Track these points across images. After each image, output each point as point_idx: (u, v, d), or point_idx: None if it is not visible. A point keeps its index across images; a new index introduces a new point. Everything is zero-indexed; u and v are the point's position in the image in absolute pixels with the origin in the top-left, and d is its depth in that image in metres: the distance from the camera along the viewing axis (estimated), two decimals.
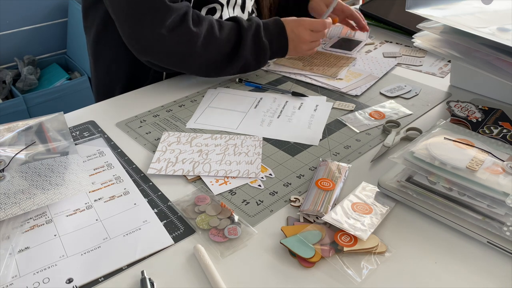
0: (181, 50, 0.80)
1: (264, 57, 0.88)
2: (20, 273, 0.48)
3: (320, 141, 0.71)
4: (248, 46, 0.84)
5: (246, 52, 0.84)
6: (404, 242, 0.52)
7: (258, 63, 0.89)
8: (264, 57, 0.88)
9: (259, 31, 0.86)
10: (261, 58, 0.88)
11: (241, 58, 0.85)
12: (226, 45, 0.83)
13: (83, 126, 0.75)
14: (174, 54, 0.80)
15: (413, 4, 0.75)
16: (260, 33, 0.86)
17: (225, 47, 0.83)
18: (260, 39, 0.86)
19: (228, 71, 0.86)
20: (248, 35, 0.84)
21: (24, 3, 2.00)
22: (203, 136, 0.71)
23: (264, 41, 0.86)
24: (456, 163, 0.54)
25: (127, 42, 0.81)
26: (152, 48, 0.80)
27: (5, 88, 1.96)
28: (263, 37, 0.86)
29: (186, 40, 0.79)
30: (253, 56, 0.86)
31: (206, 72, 0.86)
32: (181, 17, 0.78)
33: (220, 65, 0.85)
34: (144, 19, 0.76)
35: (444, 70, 0.95)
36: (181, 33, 0.78)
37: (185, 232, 0.54)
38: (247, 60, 0.86)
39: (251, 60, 0.87)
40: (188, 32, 0.78)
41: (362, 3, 1.31)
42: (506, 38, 0.66)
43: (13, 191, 0.56)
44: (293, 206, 0.58)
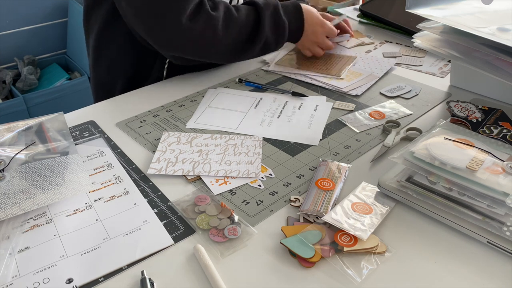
0: (205, 36, 0.79)
1: (283, 36, 0.89)
2: (20, 273, 0.48)
3: (320, 141, 0.71)
4: (267, 23, 0.85)
5: (266, 30, 0.85)
6: (404, 242, 0.52)
7: (277, 43, 0.89)
8: (283, 36, 0.89)
9: (278, 9, 0.87)
10: (280, 37, 0.89)
11: (262, 37, 0.85)
12: (246, 24, 0.83)
13: (83, 126, 0.75)
14: (199, 42, 0.80)
15: (413, 4, 0.75)
16: (279, 11, 0.87)
17: (246, 27, 0.83)
18: (279, 17, 0.87)
19: (250, 52, 0.87)
20: (267, 13, 0.85)
21: (24, 3, 2.00)
22: (203, 136, 0.71)
23: (284, 19, 0.87)
24: (456, 163, 0.54)
25: (150, 39, 0.80)
26: (177, 40, 0.79)
27: (5, 88, 1.96)
28: (282, 15, 0.87)
29: (208, 25, 0.79)
30: (273, 35, 0.87)
31: (230, 56, 0.87)
32: (197, 4, 0.78)
33: (242, 46, 0.85)
34: (165, 12, 0.75)
35: (444, 70, 0.95)
36: (201, 19, 0.78)
37: (185, 232, 0.54)
38: (267, 39, 0.86)
39: (271, 39, 0.87)
40: (208, 17, 0.78)
41: (362, 3, 1.31)
42: (506, 38, 0.66)
43: (13, 191, 0.56)
44: (293, 206, 0.58)
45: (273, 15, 0.86)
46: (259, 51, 0.88)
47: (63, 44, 2.20)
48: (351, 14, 1.28)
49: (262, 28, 0.84)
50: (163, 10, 0.75)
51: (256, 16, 0.85)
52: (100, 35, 0.93)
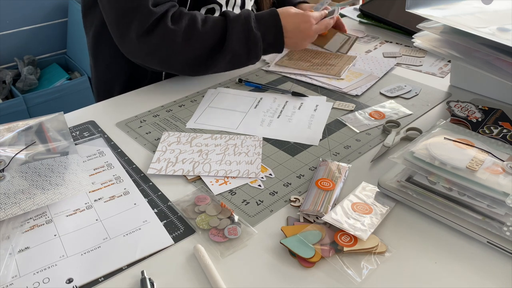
0: (161, 49, 0.79)
1: (256, 50, 0.83)
2: (20, 273, 0.48)
3: (320, 141, 0.71)
4: (235, 37, 0.80)
5: (233, 44, 0.80)
6: (404, 242, 0.52)
7: (249, 57, 0.84)
8: (255, 50, 0.83)
9: (249, 21, 0.81)
10: (253, 51, 0.83)
11: (228, 51, 0.81)
12: (210, 38, 0.80)
13: (83, 126, 0.75)
14: (156, 55, 0.80)
15: (413, 4, 0.75)
16: (250, 23, 0.81)
17: (209, 40, 0.80)
18: (250, 30, 0.81)
19: (216, 65, 0.83)
20: (235, 26, 0.80)
21: (24, 3, 2.00)
22: (203, 136, 0.71)
23: (255, 32, 0.82)
24: (456, 163, 0.54)
25: (119, 47, 0.83)
26: (136, 51, 0.81)
27: (5, 88, 1.96)
28: (253, 28, 0.81)
29: (164, 39, 0.78)
30: (243, 49, 0.82)
31: (193, 69, 0.84)
32: (158, 17, 0.78)
33: (205, 60, 0.82)
34: (128, 23, 0.78)
35: (444, 70, 0.95)
36: (158, 33, 0.78)
37: (185, 232, 0.54)
38: (235, 53, 0.82)
39: (241, 53, 0.82)
40: (166, 31, 0.78)
41: (362, 3, 1.31)
42: (506, 38, 0.66)
43: (13, 191, 0.56)
44: (293, 206, 0.58)
45: (243, 28, 0.81)
46: (227, 65, 0.84)
47: (63, 44, 2.20)
48: (351, 14, 1.28)
49: (228, 42, 0.80)
50: (127, 20, 0.78)
51: (224, 29, 0.81)
52: (98, 34, 0.94)
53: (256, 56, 0.85)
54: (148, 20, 0.77)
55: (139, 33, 0.78)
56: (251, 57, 0.84)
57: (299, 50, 0.96)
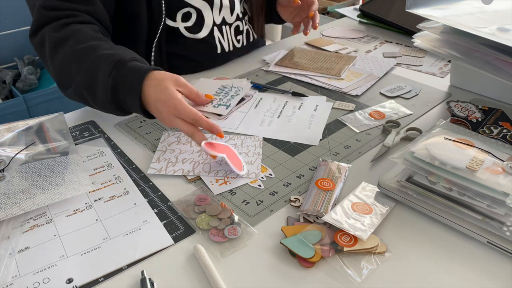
0: (39, 52, 0.78)
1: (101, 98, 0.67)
2: (20, 273, 0.48)
3: (320, 141, 0.71)
4: (85, 70, 0.68)
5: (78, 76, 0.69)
6: (404, 242, 0.52)
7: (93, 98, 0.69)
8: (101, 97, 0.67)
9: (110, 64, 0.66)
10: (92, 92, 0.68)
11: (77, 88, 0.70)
12: (69, 65, 0.70)
13: (83, 126, 0.75)
14: (39, 55, 0.78)
15: (413, 4, 0.75)
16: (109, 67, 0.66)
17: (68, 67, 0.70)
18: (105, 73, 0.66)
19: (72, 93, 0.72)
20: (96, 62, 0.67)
21: (24, 3, 1.98)
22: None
23: (103, 77, 0.66)
24: (456, 163, 0.54)
25: None
26: None
27: (5, 88, 1.96)
28: (108, 73, 0.65)
29: (42, 43, 0.75)
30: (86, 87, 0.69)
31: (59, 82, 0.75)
32: (47, 21, 0.75)
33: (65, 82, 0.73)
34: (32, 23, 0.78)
35: (444, 70, 0.95)
36: (39, 36, 0.76)
37: (185, 232, 0.54)
38: (77, 85, 0.70)
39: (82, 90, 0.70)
40: (43, 37, 0.75)
41: (362, 3, 1.31)
42: (506, 38, 0.66)
43: (13, 191, 0.56)
44: (293, 206, 0.58)
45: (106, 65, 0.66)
46: (72, 93, 0.72)
47: None
48: (351, 14, 1.28)
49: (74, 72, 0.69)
50: None
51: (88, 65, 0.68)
52: None
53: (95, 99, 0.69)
54: (37, 22, 0.76)
55: (30, 32, 0.78)
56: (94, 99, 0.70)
57: None
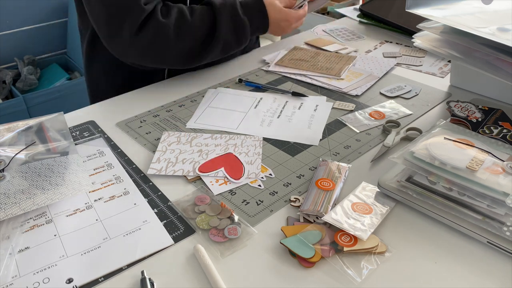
0: (155, 45, 0.80)
1: (245, 35, 0.87)
2: (20, 273, 0.48)
3: (320, 141, 0.71)
4: (224, 25, 0.83)
5: (223, 31, 0.83)
6: (404, 242, 0.52)
7: (239, 42, 0.88)
8: (244, 35, 0.87)
9: (236, 8, 0.85)
10: (242, 36, 0.87)
11: (219, 39, 0.83)
12: (200, 28, 0.82)
13: (83, 126, 0.75)
14: (150, 51, 0.81)
15: (413, 4, 0.75)
16: (237, 10, 0.85)
17: (201, 30, 0.82)
18: (237, 15, 0.85)
19: (208, 55, 0.85)
20: (223, 13, 0.83)
21: (24, 3, 2.00)
22: (203, 136, 0.71)
23: (243, 17, 0.86)
24: (456, 163, 0.54)
25: (108, 48, 0.83)
26: (129, 51, 0.81)
27: (5, 88, 1.96)
28: (240, 14, 0.85)
29: (157, 33, 0.79)
30: (233, 35, 0.85)
31: (187, 61, 0.85)
32: (148, 14, 0.78)
33: (199, 50, 0.83)
34: (120, 23, 0.78)
35: (444, 70, 0.95)
36: (150, 30, 0.78)
37: (185, 232, 0.54)
38: (226, 40, 0.85)
39: (231, 40, 0.86)
40: (157, 25, 0.78)
41: (362, 3, 1.31)
42: (506, 38, 0.66)
43: (13, 191, 0.56)
44: (293, 206, 0.58)
45: (231, 15, 0.84)
46: (219, 53, 0.87)
47: (63, 44, 2.20)
48: (351, 14, 1.28)
49: (219, 31, 0.83)
50: (112, 26, 0.78)
51: (212, 18, 0.83)
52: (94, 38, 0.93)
53: (246, 40, 0.89)
54: (140, 18, 0.77)
55: (132, 32, 0.78)
56: (241, 42, 0.88)
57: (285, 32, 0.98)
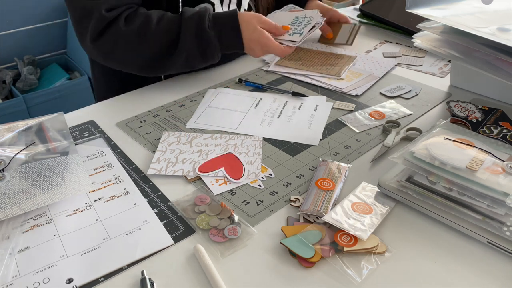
0: (116, 51, 0.80)
1: (211, 50, 0.81)
2: (20, 273, 0.48)
3: (320, 141, 0.71)
4: (188, 36, 0.79)
5: (186, 43, 0.79)
6: (404, 242, 0.52)
7: (205, 57, 0.82)
8: (210, 51, 0.81)
9: (203, 20, 0.79)
10: (207, 52, 0.81)
11: (181, 50, 0.80)
12: (163, 37, 0.79)
13: (83, 126, 0.75)
14: (112, 57, 0.81)
15: (413, 4, 0.75)
16: (204, 23, 0.79)
17: (163, 39, 0.79)
18: (203, 29, 0.79)
19: (172, 65, 0.82)
20: (188, 25, 0.79)
21: (24, 3, 2.00)
22: (203, 136, 0.71)
23: (209, 31, 0.80)
24: (456, 163, 0.54)
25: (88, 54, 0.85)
26: (93, 54, 0.83)
27: (5, 88, 1.96)
28: (207, 28, 0.79)
29: (116, 41, 0.79)
30: (198, 49, 0.80)
31: (151, 69, 0.83)
32: (111, 21, 0.78)
33: (161, 59, 0.81)
34: (84, 28, 0.79)
35: (444, 70, 0.95)
36: (110, 36, 0.78)
37: (185, 232, 0.54)
38: (189, 53, 0.80)
39: (195, 53, 0.81)
40: (117, 33, 0.78)
41: (362, 3, 1.31)
42: (506, 38, 0.66)
43: (13, 191, 0.56)
44: (293, 206, 0.58)
45: (196, 27, 0.79)
46: (182, 64, 0.82)
47: (63, 44, 2.20)
48: (351, 14, 1.28)
49: (182, 42, 0.79)
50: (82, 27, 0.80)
51: (178, 27, 0.79)
52: None
53: (212, 56, 0.83)
54: (100, 25, 0.77)
55: (92, 37, 0.78)
56: (207, 57, 0.82)
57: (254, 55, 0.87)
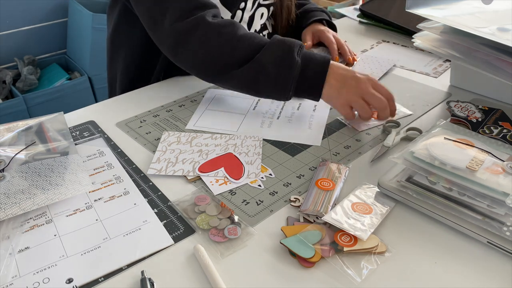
0: (191, 40, 0.73)
1: (286, 76, 0.70)
2: (20, 273, 0.48)
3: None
4: (270, 52, 0.71)
5: (265, 57, 0.71)
6: (404, 242, 0.52)
7: (277, 82, 0.71)
8: (286, 76, 0.70)
9: (293, 46, 0.71)
10: (283, 76, 0.70)
11: (257, 63, 0.71)
12: (244, 45, 0.72)
13: (83, 126, 0.75)
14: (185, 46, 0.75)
15: (413, 4, 0.75)
16: (294, 48, 0.71)
17: (242, 47, 0.72)
18: (291, 52, 0.70)
19: (238, 76, 0.73)
20: (276, 44, 0.71)
21: (24, 3, 2.00)
22: (203, 136, 0.71)
23: (295, 57, 0.70)
24: (456, 163, 0.54)
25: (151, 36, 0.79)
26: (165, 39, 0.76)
27: (5, 88, 1.96)
28: (295, 53, 0.70)
29: (196, 29, 0.73)
30: (274, 68, 0.70)
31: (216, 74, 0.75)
32: (199, 7, 0.74)
33: (231, 65, 0.73)
34: (163, 9, 0.74)
35: (438, 70, 0.95)
36: (193, 22, 0.73)
37: (185, 232, 0.54)
38: (263, 68, 0.71)
39: (270, 71, 0.70)
40: (200, 21, 0.73)
41: (362, 3, 1.31)
42: (506, 38, 0.66)
43: (13, 191, 0.56)
44: (293, 206, 0.58)
45: (283, 48, 0.71)
46: (249, 81, 0.73)
47: (63, 44, 2.20)
48: (351, 14, 1.28)
49: (260, 55, 0.71)
50: (155, 12, 0.76)
51: (263, 41, 0.72)
52: (113, 35, 0.96)
53: (286, 84, 0.71)
54: (187, 7, 0.73)
55: (173, 18, 0.73)
56: (279, 82, 0.71)
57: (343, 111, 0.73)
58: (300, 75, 0.71)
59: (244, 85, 0.75)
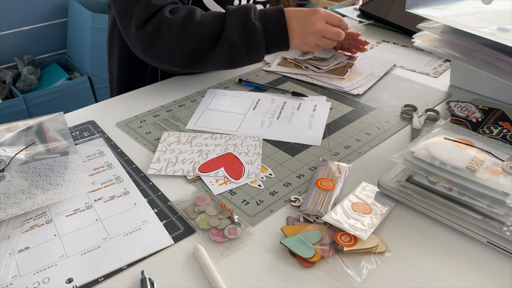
0: (158, 40, 0.78)
1: (256, 42, 0.79)
2: (20, 273, 0.48)
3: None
4: (232, 26, 0.77)
5: (229, 33, 0.77)
6: (404, 242, 0.52)
7: (248, 48, 0.79)
8: (255, 42, 0.79)
9: (248, 11, 0.79)
10: (252, 44, 0.79)
11: (225, 41, 0.78)
12: (207, 28, 0.78)
13: (83, 126, 0.75)
14: (153, 46, 0.79)
15: (413, 4, 0.75)
16: (250, 13, 0.78)
17: (206, 31, 0.78)
18: (249, 19, 0.78)
19: (213, 59, 0.80)
20: (233, 15, 0.78)
21: (24, 3, 2.00)
22: (203, 136, 0.71)
23: (254, 22, 0.78)
24: (456, 163, 0.54)
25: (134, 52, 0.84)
26: (135, 43, 0.81)
27: (5, 88, 1.96)
28: (252, 18, 0.78)
29: (160, 28, 0.78)
30: (241, 39, 0.78)
31: (191, 63, 0.81)
32: (157, 9, 0.78)
33: (203, 51, 0.79)
34: (129, 16, 0.79)
35: (438, 70, 0.95)
36: (154, 23, 0.78)
37: (185, 232, 0.54)
38: (233, 43, 0.78)
39: (239, 45, 0.78)
40: (162, 20, 0.78)
41: (362, 3, 1.31)
42: (506, 38, 0.66)
43: (13, 191, 0.56)
44: (293, 206, 0.58)
45: (241, 17, 0.78)
46: (225, 58, 0.80)
47: (63, 44, 2.20)
48: (351, 14, 1.28)
49: (225, 31, 0.78)
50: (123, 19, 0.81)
51: (222, 20, 0.79)
52: (110, 34, 0.98)
53: (257, 49, 0.80)
54: (147, 12, 0.78)
55: (137, 24, 0.78)
56: (251, 50, 0.80)
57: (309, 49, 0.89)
58: (265, 35, 0.80)
59: (221, 64, 0.83)
